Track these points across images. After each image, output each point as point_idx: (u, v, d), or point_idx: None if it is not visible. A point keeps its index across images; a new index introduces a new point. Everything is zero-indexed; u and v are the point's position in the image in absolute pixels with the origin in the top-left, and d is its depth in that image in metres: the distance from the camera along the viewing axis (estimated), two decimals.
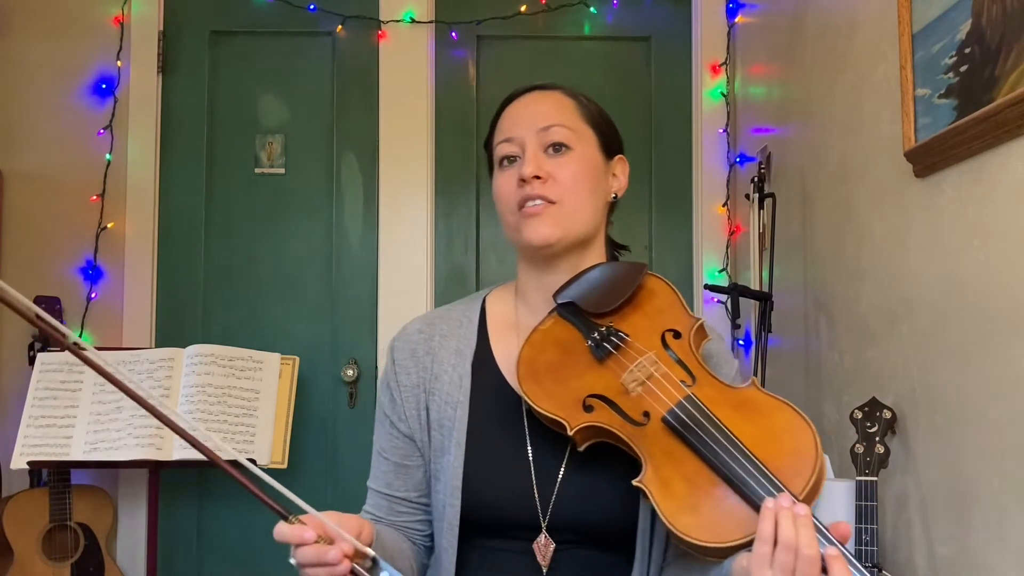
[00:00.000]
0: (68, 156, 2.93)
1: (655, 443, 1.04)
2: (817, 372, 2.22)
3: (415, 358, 1.26)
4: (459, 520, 1.17)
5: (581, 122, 1.26)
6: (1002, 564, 1.42)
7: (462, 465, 1.17)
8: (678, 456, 1.02)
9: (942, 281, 1.61)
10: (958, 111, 1.51)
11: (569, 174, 1.21)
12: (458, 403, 1.21)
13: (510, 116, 1.27)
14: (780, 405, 1.05)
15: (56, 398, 2.47)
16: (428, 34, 3.05)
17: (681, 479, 1.01)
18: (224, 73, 3.05)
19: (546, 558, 1.14)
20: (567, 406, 1.09)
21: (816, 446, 1.00)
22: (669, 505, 0.99)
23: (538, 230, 1.20)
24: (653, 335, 1.14)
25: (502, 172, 1.25)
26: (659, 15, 3.09)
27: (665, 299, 1.19)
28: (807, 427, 1.02)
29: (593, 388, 1.10)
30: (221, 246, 3.01)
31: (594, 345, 1.14)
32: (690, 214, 3.05)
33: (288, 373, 2.61)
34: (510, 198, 1.23)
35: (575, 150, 1.23)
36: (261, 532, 2.91)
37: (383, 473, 1.27)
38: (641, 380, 1.09)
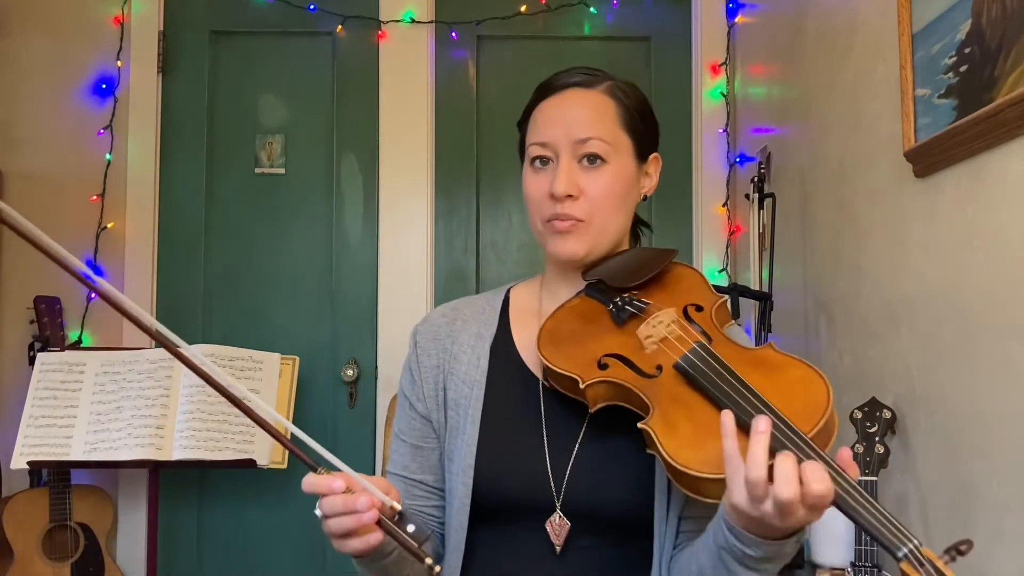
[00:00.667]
0: (68, 156, 2.93)
1: (665, 391, 1.05)
2: None
3: (437, 340, 1.28)
4: (471, 499, 1.17)
5: (619, 130, 1.24)
6: (1002, 564, 1.42)
7: (475, 444, 1.18)
8: (687, 400, 1.03)
9: (942, 281, 1.61)
10: (958, 111, 1.51)
11: (602, 190, 1.20)
12: (475, 383, 1.22)
13: (546, 115, 1.24)
14: (795, 362, 1.04)
15: (56, 398, 2.47)
16: (428, 34, 3.05)
17: (688, 421, 1.01)
18: (224, 73, 3.05)
19: (560, 538, 1.13)
20: (582, 364, 1.11)
21: (828, 396, 0.98)
22: (672, 443, 0.99)
23: (566, 247, 1.20)
24: (676, 306, 1.15)
25: (534, 173, 1.23)
26: (659, 15, 3.09)
27: (692, 281, 1.21)
28: (820, 380, 1.00)
29: (610, 348, 1.12)
30: (221, 246, 3.01)
31: (615, 310, 1.16)
32: (690, 214, 3.05)
33: (288, 373, 2.61)
34: (540, 206, 1.22)
35: (610, 163, 1.21)
36: (261, 532, 2.91)
37: (400, 456, 1.28)
38: (657, 338, 1.10)
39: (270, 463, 2.48)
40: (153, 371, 2.50)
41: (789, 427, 0.94)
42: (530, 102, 1.28)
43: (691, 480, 0.97)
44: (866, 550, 1.64)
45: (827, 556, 1.82)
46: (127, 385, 2.49)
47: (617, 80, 1.30)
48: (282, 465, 2.51)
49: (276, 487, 2.89)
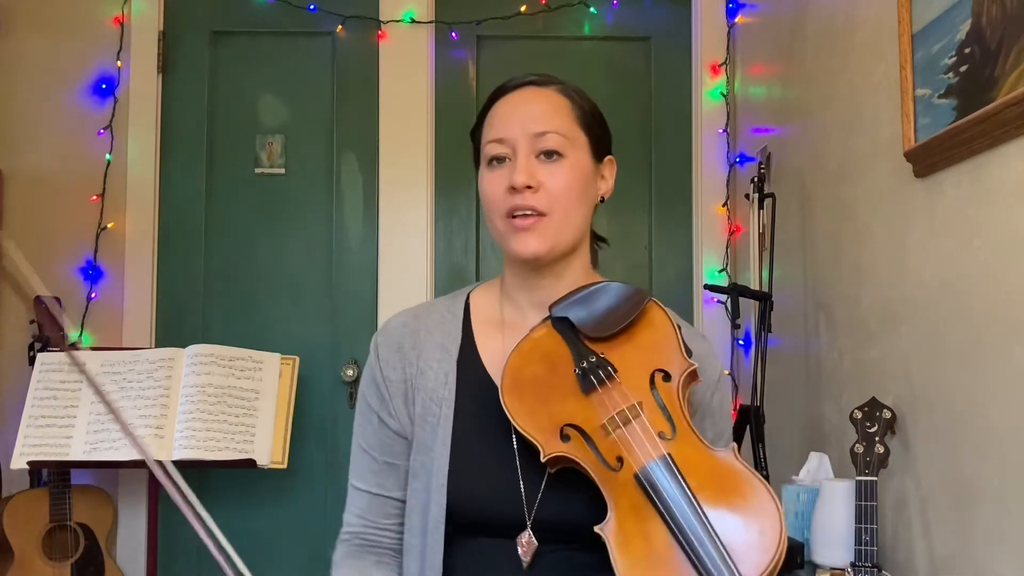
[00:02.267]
0: (68, 156, 2.93)
1: (623, 494, 1.04)
2: (817, 372, 2.22)
3: (400, 352, 1.24)
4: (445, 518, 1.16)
5: (575, 126, 1.23)
6: (1002, 564, 1.42)
7: (447, 462, 1.16)
8: (644, 514, 1.02)
9: (942, 281, 1.61)
10: (958, 111, 1.51)
11: (561, 183, 1.19)
12: (443, 400, 1.20)
13: (502, 113, 1.23)
14: (754, 482, 1.03)
15: (56, 398, 2.47)
16: (428, 34, 3.05)
17: (642, 538, 1.01)
18: (224, 73, 3.05)
19: (528, 555, 1.13)
20: (545, 430, 1.09)
21: (781, 533, 0.99)
22: (626, 561, 0.99)
23: (527, 244, 1.18)
24: (643, 373, 1.12)
25: (491, 172, 1.21)
26: (659, 15, 3.09)
27: (662, 333, 1.15)
28: (776, 511, 1.00)
29: (573, 418, 1.09)
30: (221, 246, 3.01)
31: (581, 374, 1.12)
32: (690, 214, 3.05)
33: (288, 373, 2.60)
34: (499, 203, 1.19)
35: (568, 158, 1.20)
36: (261, 532, 2.91)
37: (372, 473, 1.24)
38: (619, 424, 1.07)
39: (270, 463, 2.48)
40: (153, 371, 2.50)
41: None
42: (483, 108, 1.26)
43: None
44: (866, 550, 1.64)
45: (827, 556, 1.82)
46: (127, 385, 2.49)
47: (570, 84, 1.28)
48: (282, 465, 2.51)
49: (276, 487, 2.89)
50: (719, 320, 2.91)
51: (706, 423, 1.21)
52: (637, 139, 3.04)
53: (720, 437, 1.22)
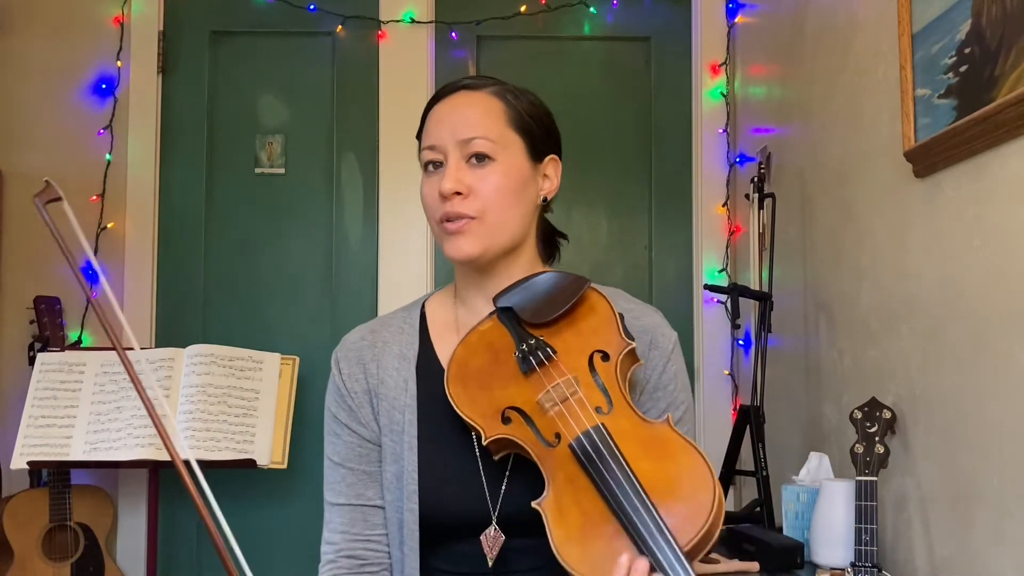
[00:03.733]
0: (68, 156, 2.93)
1: (560, 467, 1.05)
2: (817, 372, 2.22)
3: (361, 364, 1.26)
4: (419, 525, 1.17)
5: (507, 128, 1.22)
6: (1002, 564, 1.42)
7: (416, 469, 1.18)
8: (579, 485, 1.03)
9: (942, 281, 1.61)
10: (958, 111, 1.51)
11: (491, 187, 1.19)
12: (406, 407, 1.21)
13: (435, 119, 1.26)
14: (688, 449, 1.04)
15: (56, 398, 2.47)
16: (428, 34, 3.05)
17: (578, 509, 1.02)
18: (224, 73, 3.05)
19: (493, 550, 1.14)
20: (487, 415, 1.11)
21: (714, 499, 0.99)
22: (560, 533, 1.01)
23: (459, 248, 1.19)
24: (582, 354, 1.14)
25: (427, 177, 1.25)
26: (659, 15, 3.09)
27: (602, 317, 1.18)
28: (710, 477, 1.02)
29: (513, 400, 1.12)
30: (221, 246, 3.01)
31: (521, 357, 1.14)
32: (690, 214, 3.05)
33: (288, 373, 2.61)
34: (433, 209, 1.22)
35: (498, 161, 1.20)
36: (261, 532, 2.91)
37: (349, 485, 1.25)
38: (556, 401, 1.09)
39: (270, 463, 2.48)
40: (153, 371, 2.50)
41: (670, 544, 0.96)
42: (424, 112, 1.30)
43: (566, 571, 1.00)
44: (866, 550, 1.64)
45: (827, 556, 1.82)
46: (127, 385, 2.49)
47: (508, 85, 1.28)
48: (282, 465, 2.51)
49: (276, 487, 2.89)
50: (719, 320, 2.91)
51: (658, 394, 1.22)
52: (637, 139, 3.04)
53: (673, 406, 1.23)
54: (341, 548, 1.26)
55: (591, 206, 3.04)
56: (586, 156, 3.01)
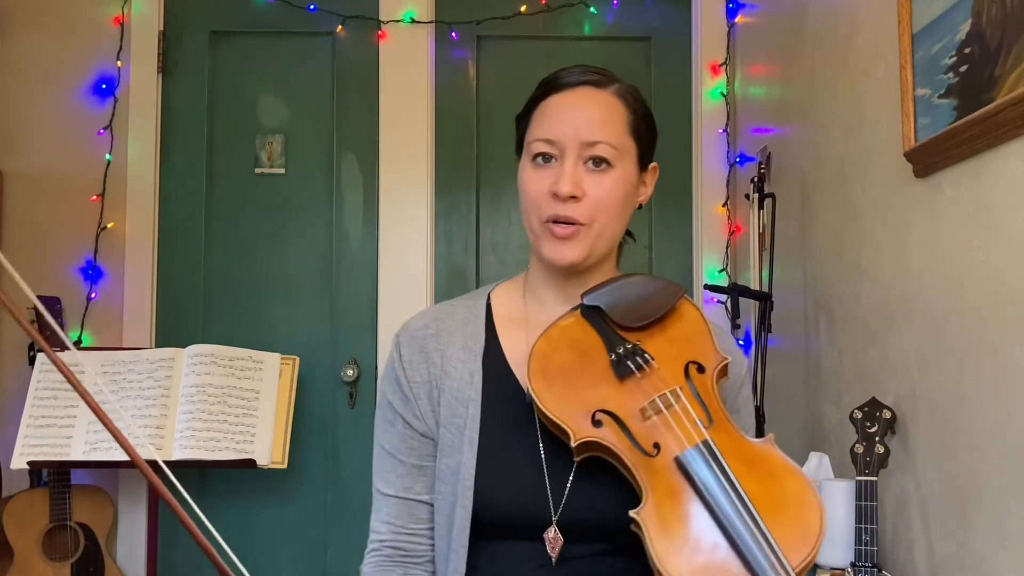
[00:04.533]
0: (68, 156, 2.93)
1: (661, 479, 1.01)
2: (817, 372, 2.22)
3: (424, 353, 1.22)
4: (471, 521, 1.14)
5: (626, 135, 1.20)
6: (1002, 564, 1.42)
7: (474, 464, 1.14)
8: (682, 498, 0.99)
9: (942, 281, 1.61)
10: (958, 111, 1.51)
11: (605, 193, 1.16)
12: (470, 400, 1.18)
13: (555, 112, 1.19)
14: (793, 471, 1.02)
15: (56, 398, 2.47)
16: (428, 34, 3.05)
17: (680, 522, 0.98)
18: (224, 73, 3.05)
19: (555, 551, 1.12)
20: (575, 415, 1.06)
21: (821, 523, 0.98)
22: (663, 545, 0.97)
23: (563, 253, 1.16)
24: (677, 364, 1.10)
25: (535, 169, 1.18)
26: (659, 15, 3.09)
27: (695, 328, 1.15)
28: (816, 501, 0.99)
29: (606, 403, 1.06)
30: (221, 246, 3.01)
31: (616, 360, 1.10)
32: (690, 214, 3.05)
33: (288, 373, 2.61)
34: (540, 206, 1.17)
35: (615, 168, 1.17)
36: (261, 532, 2.91)
37: (399, 477, 1.21)
38: (659, 410, 1.05)
39: (270, 463, 2.48)
40: (153, 371, 2.51)
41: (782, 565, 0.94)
42: (535, 96, 1.23)
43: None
44: (866, 550, 1.64)
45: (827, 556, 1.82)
46: (127, 385, 2.49)
47: (626, 84, 1.26)
48: (282, 465, 2.51)
49: (276, 487, 2.89)
50: (719, 320, 2.90)
51: (733, 418, 1.19)
52: None
53: (747, 431, 1.22)
54: (386, 539, 1.21)
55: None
56: None
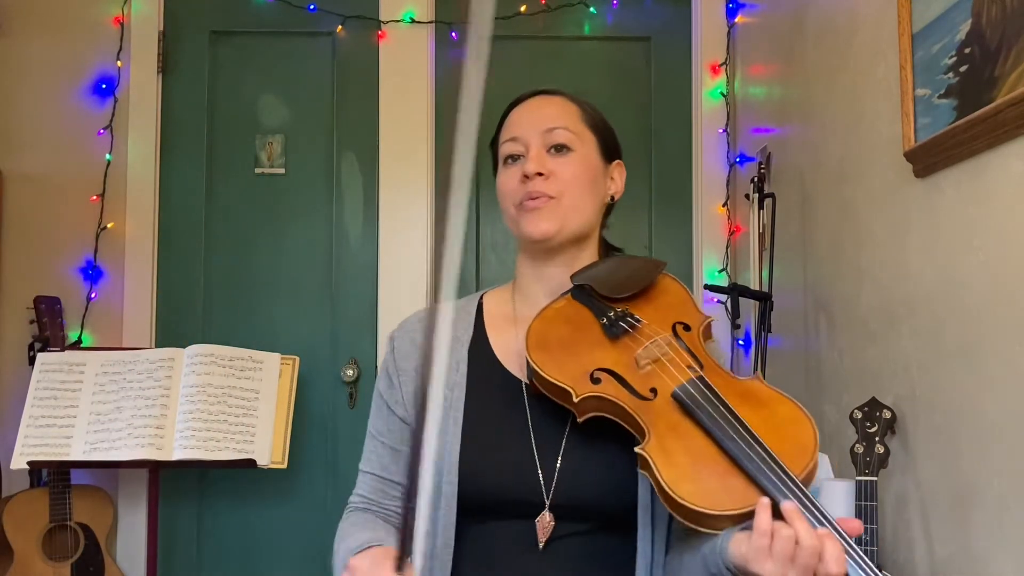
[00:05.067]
0: (68, 156, 2.93)
1: (661, 417, 1.07)
2: (817, 372, 2.22)
3: (415, 344, 1.30)
4: (456, 499, 1.19)
5: (583, 126, 1.32)
6: (1002, 564, 1.42)
7: (459, 443, 1.20)
8: (683, 431, 1.05)
9: (942, 281, 1.61)
10: (958, 111, 1.51)
11: (569, 172, 1.27)
12: (455, 385, 1.25)
13: (516, 117, 1.33)
14: (783, 399, 1.09)
15: (56, 398, 2.47)
16: (428, 34, 3.05)
17: (684, 451, 1.03)
18: (224, 73, 3.05)
19: (545, 534, 1.16)
20: (575, 375, 1.12)
21: (815, 439, 1.03)
22: (671, 473, 1.01)
23: (537, 224, 1.25)
24: (665, 323, 1.18)
25: (506, 169, 1.30)
26: (659, 15, 3.09)
27: (678, 297, 1.24)
28: (808, 420, 1.06)
29: (603, 363, 1.13)
30: (221, 246, 3.01)
31: (608, 324, 1.18)
32: (690, 214, 3.05)
33: (288, 373, 2.61)
34: (513, 194, 1.28)
35: (576, 151, 1.29)
36: (261, 532, 2.91)
37: (379, 456, 1.31)
38: (653, 359, 1.12)
39: (270, 463, 2.48)
40: (153, 371, 2.51)
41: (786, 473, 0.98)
42: (501, 118, 1.36)
43: (689, 512, 1.00)
44: (866, 550, 1.64)
45: None
46: (127, 385, 2.49)
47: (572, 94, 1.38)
48: (282, 465, 2.51)
49: (276, 487, 2.89)
50: (719, 320, 2.90)
51: None
52: (637, 139, 3.04)
53: None
54: (360, 505, 1.32)
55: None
56: None
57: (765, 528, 0.95)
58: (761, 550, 0.94)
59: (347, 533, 1.22)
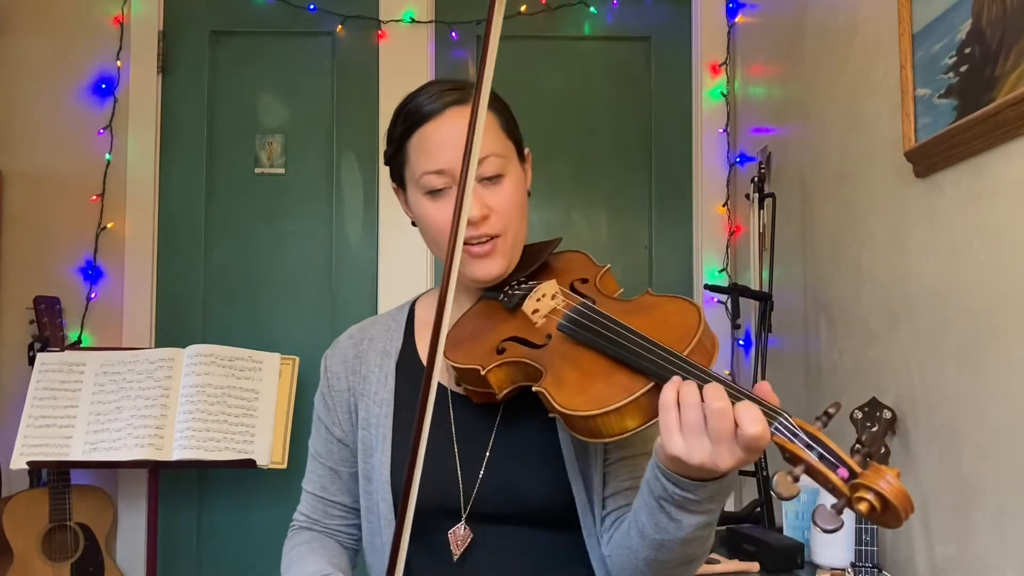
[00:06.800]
0: (68, 156, 2.93)
1: (555, 353, 1.07)
2: (817, 372, 2.22)
3: (345, 364, 1.31)
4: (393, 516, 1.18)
5: (504, 138, 1.20)
6: (1002, 564, 1.42)
7: (389, 460, 1.20)
8: (573, 355, 1.05)
9: (942, 281, 1.61)
10: (958, 111, 1.51)
11: (507, 203, 1.17)
12: (383, 401, 1.24)
13: (434, 141, 1.17)
14: (669, 298, 1.09)
15: (56, 398, 2.47)
16: (428, 34, 3.05)
17: (575, 371, 1.03)
18: (224, 73, 3.05)
19: (460, 548, 1.16)
20: (482, 355, 1.13)
21: (699, 316, 1.02)
22: (562, 395, 1.00)
23: (488, 270, 1.18)
24: (562, 284, 1.19)
25: (434, 202, 1.18)
26: (659, 15, 3.09)
27: (577, 262, 1.25)
28: (691, 306, 1.05)
29: (505, 333, 1.14)
30: (221, 246, 3.01)
31: (506, 298, 1.19)
32: (690, 214, 3.05)
33: (288, 373, 2.61)
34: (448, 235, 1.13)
35: (507, 176, 1.18)
36: (261, 532, 2.91)
37: (319, 477, 1.31)
38: (545, 312, 1.13)
39: (270, 463, 2.48)
40: (153, 371, 2.50)
41: (671, 353, 0.96)
42: (401, 131, 1.22)
43: (583, 422, 0.98)
44: (866, 550, 1.64)
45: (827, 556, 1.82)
46: (127, 385, 2.49)
47: None
48: (282, 465, 2.51)
49: (276, 487, 2.89)
50: (719, 320, 2.90)
51: None
52: (637, 139, 3.04)
53: None
54: (303, 524, 1.34)
55: (591, 206, 3.04)
56: (586, 156, 3.01)
57: (666, 401, 0.91)
58: (669, 427, 0.90)
59: (297, 557, 1.23)
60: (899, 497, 0.79)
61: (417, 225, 1.25)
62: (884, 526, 0.83)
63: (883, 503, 0.80)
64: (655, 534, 1.01)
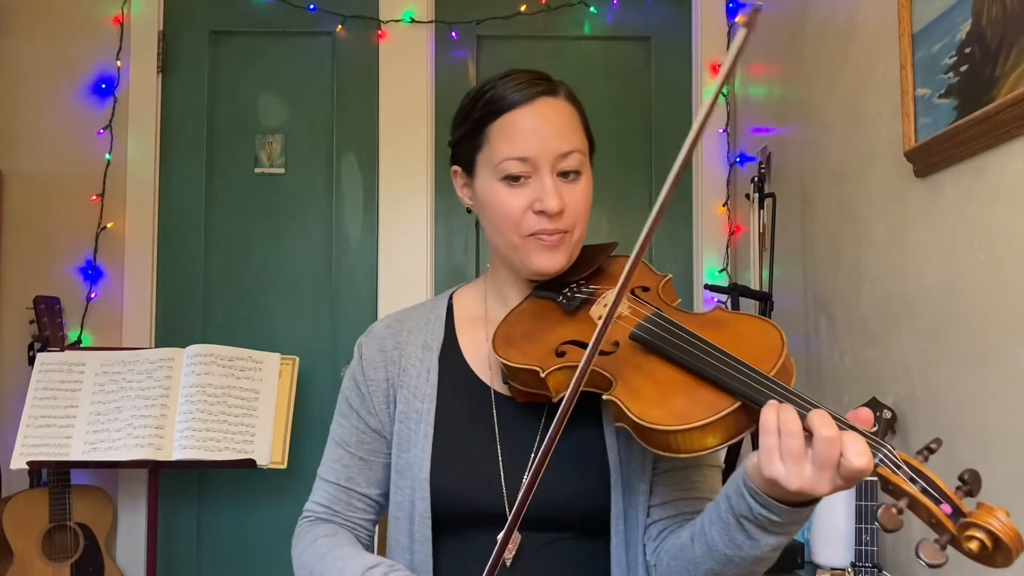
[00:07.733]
0: (68, 156, 2.93)
1: (625, 362, 1.05)
2: (817, 372, 2.22)
3: (383, 353, 1.26)
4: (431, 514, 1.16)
5: (584, 137, 1.21)
6: None
7: (430, 457, 1.17)
8: (648, 367, 1.03)
9: (942, 281, 1.61)
10: (958, 111, 1.51)
11: (582, 201, 1.18)
12: (425, 396, 1.21)
13: (524, 129, 1.17)
14: (745, 316, 1.08)
15: (56, 398, 2.47)
16: (428, 34, 3.05)
17: (650, 383, 1.01)
18: (224, 73, 3.05)
19: (511, 551, 1.13)
20: (540, 356, 1.11)
21: (782, 339, 1.00)
22: (638, 406, 0.99)
23: (551, 262, 1.17)
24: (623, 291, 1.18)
25: (509, 189, 1.16)
26: (659, 15, 3.09)
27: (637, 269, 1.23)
28: (772, 327, 1.03)
29: (565, 336, 1.12)
30: (221, 246, 3.01)
31: (565, 300, 1.17)
32: (690, 214, 3.05)
33: (288, 373, 2.61)
34: (518, 222, 1.17)
35: (583, 174, 1.19)
36: (261, 532, 2.91)
37: (344, 467, 1.28)
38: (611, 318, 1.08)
39: (270, 463, 2.48)
40: (153, 371, 2.50)
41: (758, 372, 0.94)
42: (482, 114, 1.21)
43: (662, 437, 0.96)
44: (866, 550, 1.64)
45: (827, 556, 1.82)
46: (127, 385, 2.49)
47: (564, 83, 1.27)
48: (282, 465, 2.51)
49: (276, 487, 2.89)
50: None
51: None
52: (637, 139, 3.04)
53: None
54: (320, 514, 1.28)
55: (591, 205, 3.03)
56: None
57: (767, 425, 0.88)
58: (770, 452, 0.88)
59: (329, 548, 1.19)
60: (1013, 538, 0.78)
61: (479, 211, 1.23)
62: (990, 566, 0.81)
63: (995, 542, 0.79)
64: (727, 550, 1.00)
